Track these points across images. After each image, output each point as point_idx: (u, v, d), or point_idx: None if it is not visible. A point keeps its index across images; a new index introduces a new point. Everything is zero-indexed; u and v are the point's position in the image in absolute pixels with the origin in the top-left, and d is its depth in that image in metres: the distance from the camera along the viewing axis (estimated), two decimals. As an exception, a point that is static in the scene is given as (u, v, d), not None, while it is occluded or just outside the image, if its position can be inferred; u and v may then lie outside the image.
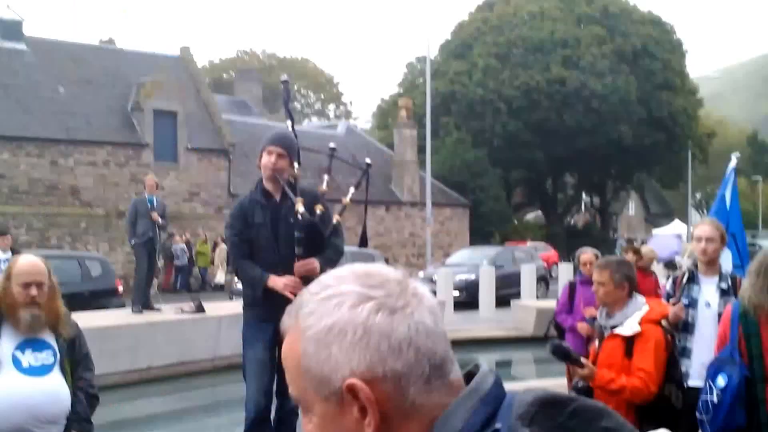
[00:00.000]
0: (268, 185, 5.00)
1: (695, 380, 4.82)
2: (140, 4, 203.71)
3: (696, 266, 5.22)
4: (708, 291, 5.07)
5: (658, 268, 16.53)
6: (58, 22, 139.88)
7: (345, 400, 1.02)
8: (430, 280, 20.52)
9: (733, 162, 8.37)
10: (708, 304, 5.03)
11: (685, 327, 5.08)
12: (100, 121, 27.33)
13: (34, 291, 3.68)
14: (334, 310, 1.03)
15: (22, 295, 3.66)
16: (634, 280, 4.40)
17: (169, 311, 12.34)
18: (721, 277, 5.11)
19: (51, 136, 25.82)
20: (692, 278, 5.15)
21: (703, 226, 5.21)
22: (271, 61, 69.04)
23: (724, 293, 5.02)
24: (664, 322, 4.50)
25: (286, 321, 1.09)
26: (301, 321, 1.06)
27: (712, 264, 5.13)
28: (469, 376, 1.10)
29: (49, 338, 3.81)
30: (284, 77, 5.70)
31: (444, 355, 1.06)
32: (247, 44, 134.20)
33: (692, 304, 5.07)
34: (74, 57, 28.90)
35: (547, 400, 1.05)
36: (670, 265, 25.25)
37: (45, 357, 3.78)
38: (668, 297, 5.30)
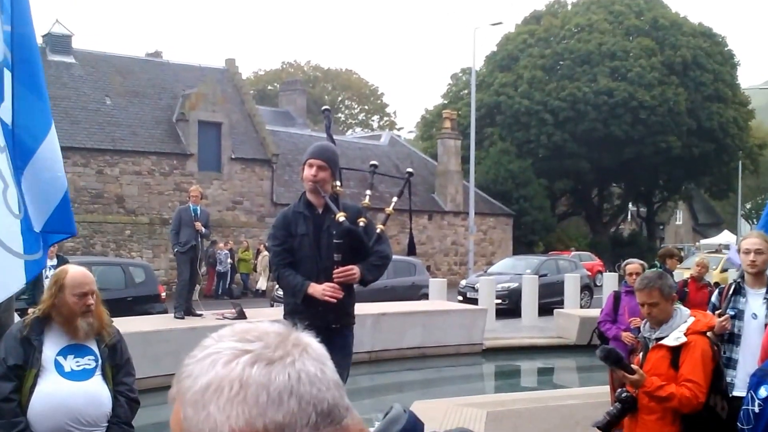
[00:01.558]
0: (311, 197, 5.04)
1: (740, 391, 4.73)
2: (186, 17, 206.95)
3: (742, 278, 5.18)
4: (755, 302, 5.05)
5: (732, 273, 16.47)
6: (105, 35, 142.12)
7: None
8: (473, 288, 20.43)
9: None
10: (755, 316, 5.01)
11: (731, 338, 5.07)
12: (146, 131, 27.84)
13: (90, 300, 3.79)
14: (209, 368, 0.97)
15: (79, 305, 3.77)
16: (674, 288, 4.39)
17: (210, 317, 12.43)
18: None
19: (97, 146, 26.34)
20: (738, 290, 5.13)
21: (752, 238, 5.18)
22: (316, 73, 69.61)
23: None
24: (709, 333, 4.44)
25: (171, 390, 1.03)
26: (182, 385, 1.00)
27: (759, 276, 5.09)
28: None
29: (91, 344, 3.90)
30: (325, 107, 5.84)
31: (334, 402, 0.99)
32: (291, 56, 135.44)
33: (738, 315, 5.05)
34: (121, 69, 29.52)
35: None
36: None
37: (86, 362, 3.86)
38: (713, 308, 5.28)
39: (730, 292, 5.17)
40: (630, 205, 57.00)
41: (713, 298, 5.42)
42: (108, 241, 25.97)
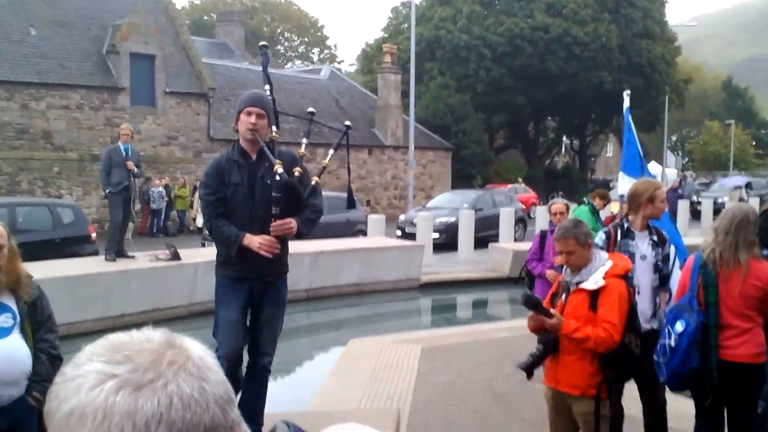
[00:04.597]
0: (245, 145, 4.95)
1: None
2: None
3: (627, 220, 5.40)
4: (642, 244, 5.31)
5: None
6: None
7: None
8: (411, 223, 20.67)
9: (626, 102, 8.02)
10: (644, 257, 5.27)
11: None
12: (74, 64, 26.72)
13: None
14: (74, 393, 0.90)
15: None
16: (590, 234, 4.54)
17: (143, 259, 12.26)
18: (651, 231, 5.37)
19: (21, 79, 25.13)
20: (627, 233, 5.35)
21: (663, 189, 5.52)
22: (254, 3, 68.14)
23: (656, 245, 5.31)
24: None
25: (45, 408, 0.96)
26: (50, 406, 0.92)
27: (644, 220, 5.39)
28: None
29: (9, 301, 3.78)
30: (263, 42, 5.61)
31: (213, 423, 0.91)
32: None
33: (630, 257, 5.17)
34: (46, -3, 28.16)
35: None
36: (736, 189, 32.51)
37: (3, 320, 3.76)
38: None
39: (619, 236, 5.36)
40: (564, 138, 58.25)
41: (598, 241, 5.32)
42: (35, 178, 25.15)
